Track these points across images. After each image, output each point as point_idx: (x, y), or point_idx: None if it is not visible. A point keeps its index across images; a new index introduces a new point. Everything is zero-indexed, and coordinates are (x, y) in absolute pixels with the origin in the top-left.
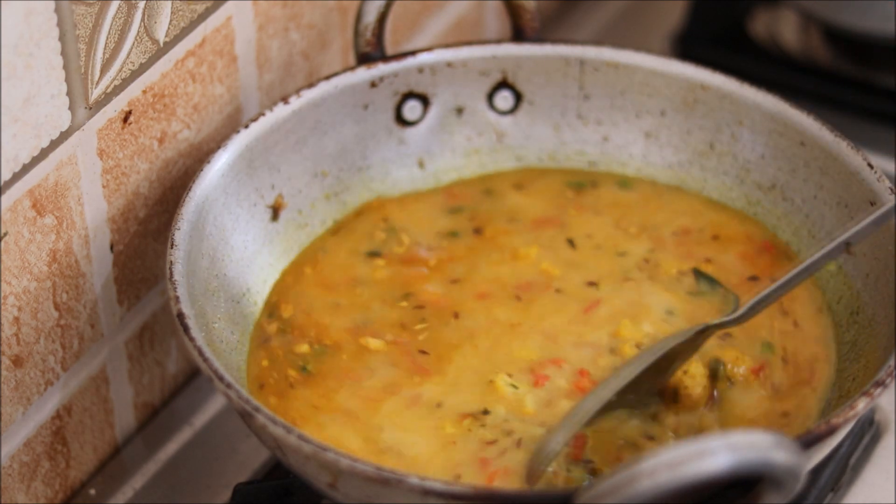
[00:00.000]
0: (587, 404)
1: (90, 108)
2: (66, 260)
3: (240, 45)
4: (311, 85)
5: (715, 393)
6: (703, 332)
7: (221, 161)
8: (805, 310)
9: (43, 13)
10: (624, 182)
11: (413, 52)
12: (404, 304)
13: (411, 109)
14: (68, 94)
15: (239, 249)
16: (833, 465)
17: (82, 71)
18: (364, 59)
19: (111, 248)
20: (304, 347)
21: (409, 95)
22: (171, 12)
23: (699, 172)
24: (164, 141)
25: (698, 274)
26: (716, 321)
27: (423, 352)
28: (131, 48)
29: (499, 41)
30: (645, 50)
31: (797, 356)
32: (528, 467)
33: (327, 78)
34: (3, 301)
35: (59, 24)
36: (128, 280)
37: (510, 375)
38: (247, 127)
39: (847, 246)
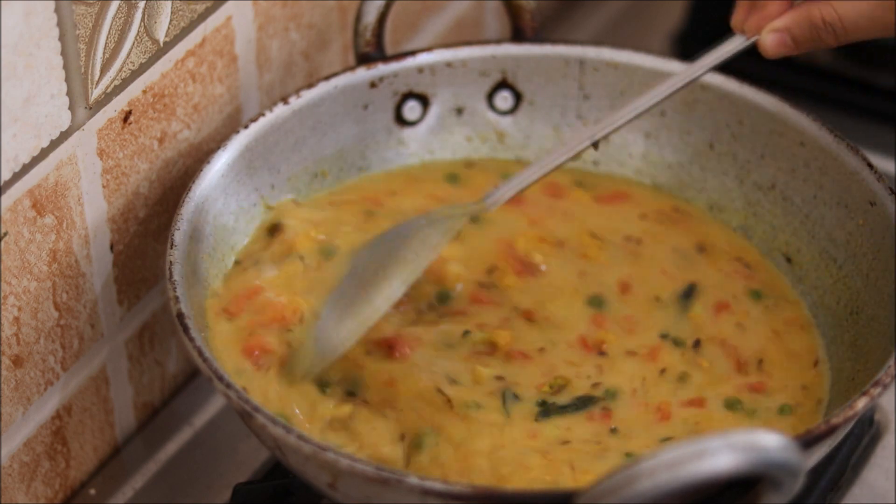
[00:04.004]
0: (377, 299)
1: (90, 108)
2: (66, 260)
3: (240, 45)
4: (310, 85)
5: None
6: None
7: (221, 161)
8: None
9: (43, 13)
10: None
11: (413, 52)
12: None
13: (411, 109)
14: (68, 94)
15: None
16: (833, 465)
17: (82, 71)
18: (364, 59)
19: (111, 248)
20: None
21: (409, 95)
22: (171, 12)
23: (699, 172)
24: (164, 141)
25: None
26: (470, 212)
27: None
28: (131, 48)
29: (499, 41)
30: (645, 50)
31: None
32: (303, 359)
33: (327, 78)
34: (3, 301)
35: (59, 24)
36: (128, 280)
37: None
38: (247, 127)
39: (595, 144)
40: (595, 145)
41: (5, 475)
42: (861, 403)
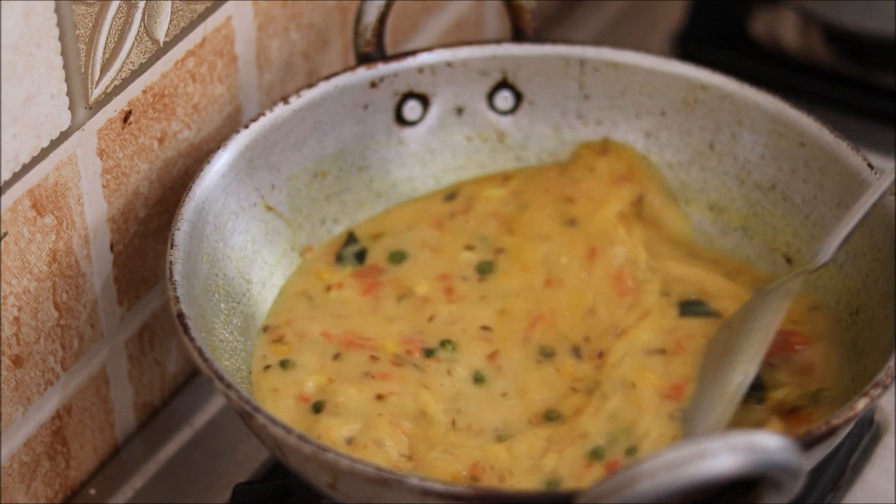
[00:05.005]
0: (735, 377)
1: (90, 108)
2: (66, 260)
3: (240, 44)
4: (311, 85)
5: None
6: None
7: (221, 161)
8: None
9: (43, 13)
10: None
11: (413, 52)
12: None
13: (411, 109)
14: (68, 94)
15: (239, 249)
16: (833, 466)
17: (82, 71)
18: (364, 59)
19: (111, 248)
20: None
21: (409, 95)
22: (171, 12)
23: (699, 173)
24: (164, 141)
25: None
26: (806, 269)
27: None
28: (131, 48)
29: (499, 41)
30: (645, 50)
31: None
32: None
33: (327, 78)
34: (3, 301)
35: (59, 24)
36: (128, 280)
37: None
38: (247, 127)
39: None
40: None
41: (5, 475)
42: (861, 404)
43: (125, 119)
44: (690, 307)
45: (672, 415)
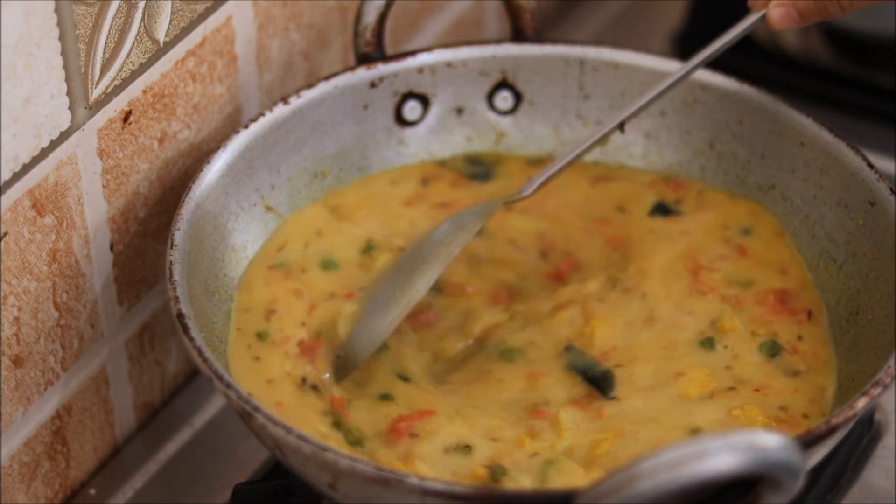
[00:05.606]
0: (417, 283)
1: (90, 108)
2: (66, 260)
3: (240, 44)
4: (310, 85)
5: None
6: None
7: (221, 161)
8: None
9: (43, 13)
10: None
11: (413, 52)
12: None
13: (411, 109)
14: (68, 94)
15: (239, 249)
16: (833, 465)
17: (82, 71)
18: (364, 59)
19: (111, 248)
20: None
21: (409, 95)
22: (171, 12)
23: (699, 173)
24: (164, 141)
25: None
26: (507, 199)
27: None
28: (131, 48)
29: (499, 41)
30: (645, 50)
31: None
32: (342, 357)
33: (327, 78)
34: (3, 301)
35: (59, 24)
36: (128, 280)
37: None
38: (246, 127)
39: (622, 125)
40: (622, 127)
41: (5, 475)
42: (861, 403)
43: (125, 119)
44: None
45: None
